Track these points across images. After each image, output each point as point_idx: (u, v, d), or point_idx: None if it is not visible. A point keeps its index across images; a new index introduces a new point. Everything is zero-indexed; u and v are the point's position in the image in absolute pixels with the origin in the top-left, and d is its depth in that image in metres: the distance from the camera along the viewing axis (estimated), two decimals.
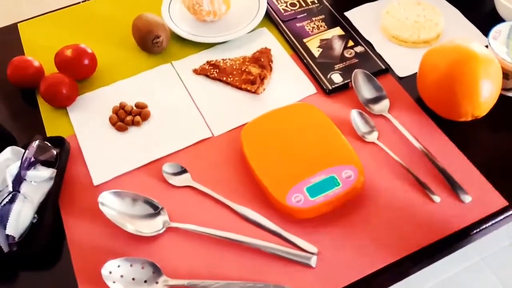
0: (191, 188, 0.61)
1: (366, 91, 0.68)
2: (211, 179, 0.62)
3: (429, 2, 0.78)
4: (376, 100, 0.67)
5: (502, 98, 0.63)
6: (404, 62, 0.73)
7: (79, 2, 0.85)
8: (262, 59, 0.72)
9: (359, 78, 0.68)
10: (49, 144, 0.64)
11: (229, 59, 0.74)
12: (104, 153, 0.65)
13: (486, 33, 0.74)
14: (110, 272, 0.52)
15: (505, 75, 0.64)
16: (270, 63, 0.73)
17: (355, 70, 0.69)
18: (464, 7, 0.79)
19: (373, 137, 0.64)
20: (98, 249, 0.57)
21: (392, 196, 0.59)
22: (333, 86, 0.69)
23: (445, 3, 0.80)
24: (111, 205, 0.57)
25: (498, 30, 0.67)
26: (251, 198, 0.60)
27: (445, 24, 0.75)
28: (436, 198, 0.58)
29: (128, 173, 0.63)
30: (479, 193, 0.59)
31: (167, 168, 0.62)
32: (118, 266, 0.53)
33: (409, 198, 0.59)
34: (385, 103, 0.67)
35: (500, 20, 0.75)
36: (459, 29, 0.76)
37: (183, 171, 0.62)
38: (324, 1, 0.82)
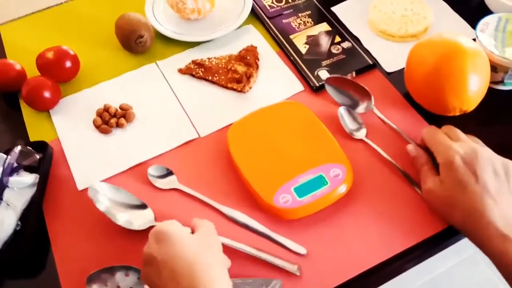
0: (177, 190, 0.60)
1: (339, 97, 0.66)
2: (197, 181, 0.60)
3: None
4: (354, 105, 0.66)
5: (490, 92, 0.63)
6: (392, 57, 0.72)
7: (61, 3, 0.84)
8: (248, 57, 0.71)
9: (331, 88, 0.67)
10: (32, 149, 0.62)
11: (214, 57, 0.72)
12: (88, 156, 0.64)
13: (474, 26, 0.73)
14: (94, 283, 0.51)
15: (494, 68, 0.64)
16: (257, 61, 0.72)
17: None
18: (452, 0, 0.78)
19: (361, 134, 0.63)
20: (84, 256, 0.56)
21: (382, 195, 0.58)
22: (320, 83, 0.68)
23: None
24: (103, 193, 0.57)
25: (486, 23, 0.66)
26: (239, 199, 0.59)
27: (433, 18, 0.74)
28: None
29: (113, 177, 0.62)
30: None
31: (152, 170, 0.61)
32: (102, 276, 0.52)
33: (399, 196, 0.58)
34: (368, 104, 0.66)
35: (488, 12, 0.74)
36: (447, 23, 0.75)
37: (169, 173, 0.61)
38: None
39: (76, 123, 0.67)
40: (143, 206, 0.57)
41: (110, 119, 0.66)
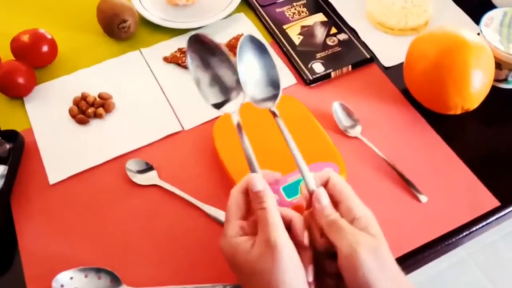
0: (157, 187, 0.56)
1: None
2: (179, 177, 0.56)
3: None
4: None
5: (494, 90, 0.59)
6: (390, 51, 0.68)
7: None
8: None
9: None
10: (1, 138, 0.58)
11: None
12: (62, 148, 0.59)
13: (477, 20, 0.70)
14: (62, 286, 0.47)
15: (498, 65, 0.60)
16: None
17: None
18: None
19: (356, 131, 0.60)
20: (53, 256, 0.51)
21: (376, 196, 0.55)
22: (314, 76, 0.65)
23: None
24: None
25: (491, 17, 0.63)
26: (223, 198, 0.54)
27: (434, 11, 0.71)
28: (423, 198, 0.54)
29: (88, 171, 0.58)
30: (469, 192, 0.55)
31: (131, 165, 0.57)
32: (71, 278, 0.47)
33: (394, 197, 0.54)
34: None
35: (491, 6, 0.71)
36: (449, 16, 0.72)
37: (149, 168, 0.57)
38: None
39: (51, 112, 0.63)
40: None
41: (87, 109, 0.62)
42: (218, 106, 0.48)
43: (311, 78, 0.65)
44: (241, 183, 0.43)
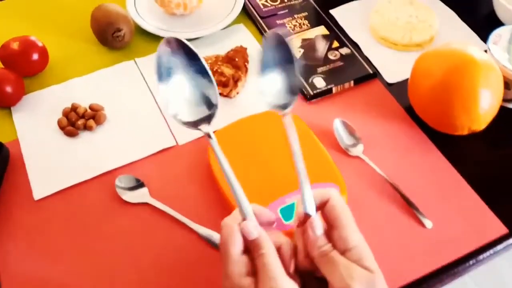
0: (148, 205, 0.53)
1: None
2: (172, 195, 0.54)
3: (422, 2, 0.71)
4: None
5: (502, 110, 0.57)
6: (394, 67, 0.66)
7: None
8: (237, 59, 0.65)
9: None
10: None
11: None
12: (49, 161, 0.56)
13: (483, 37, 0.68)
14: None
15: (506, 84, 0.58)
16: (246, 63, 0.65)
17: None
18: (459, 8, 0.72)
19: (357, 150, 0.57)
20: (36, 277, 0.48)
21: (378, 220, 0.52)
22: (314, 92, 0.62)
23: (440, 4, 0.73)
24: None
25: (499, 34, 0.61)
26: (217, 219, 0.51)
27: (439, 26, 0.69)
28: (428, 223, 0.51)
29: (75, 186, 0.55)
30: (475, 218, 0.52)
31: (121, 181, 0.54)
32: None
33: (397, 222, 0.52)
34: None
35: (499, 24, 0.69)
36: (455, 32, 0.69)
37: (140, 185, 0.54)
38: None
39: (39, 123, 0.60)
40: None
41: (77, 120, 0.59)
42: (193, 124, 0.43)
43: (311, 93, 0.62)
44: (234, 214, 0.40)
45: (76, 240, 0.51)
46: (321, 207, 0.40)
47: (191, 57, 0.42)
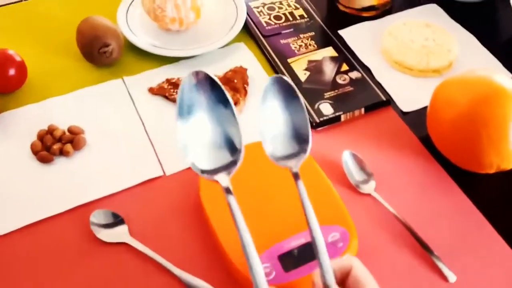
0: (126, 246, 0.46)
1: None
2: (154, 235, 0.47)
3: (439, 25, 0.66)
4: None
5: None
6: (409, 94, 0.60)
7: (20, 0, 0.71)
8: (236, 80, 0.59)
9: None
10: None
11: None
12: (16, 191, 0.50)
13: (506, 64, 0.62)
14: None
15: None
16: (245, 85, 0.59)
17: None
18: (480, 32, 0.67)
19: (369, 187, 0.50)
20: None
21: (393, 270, 0.45)
22: (321, 119, 0.56)
23: (457, 26, 0.68)
24: None
25: None
26: (205, 265, 0.45)
27: (459, 51, 0.63)
28: (451, 276, 0.44)
29: (44, 222, 0.48)
30: (504, 270, 0.45)
31: (96, 217, 0.47)
32: None
33: (415, 273, 0.45)
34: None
35: None
36: (475, 59, 0.64)
37: (119, 222, 0.47)
38: (315, 16, 0.69)
39: (10, 147, 0.54)
40: None
41: (53, 144, 0.53)
42: (211, 172, 0.38)
43: (317, 120, 0.56)
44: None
45: (41, 285, 0.44)
46: (343, 278, 0.34)
47: (217, 94, 0.38)
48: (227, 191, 0.36)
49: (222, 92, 0.38)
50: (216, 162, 0.38)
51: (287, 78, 0.40)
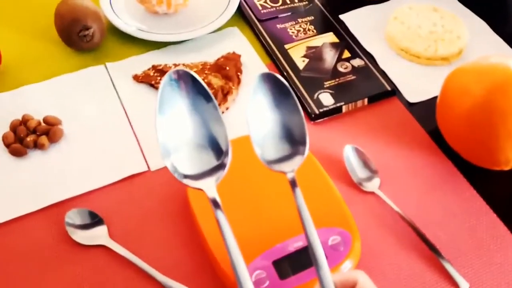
0: (105, 249, 0.43)
1: None
2: (136, 237, 0.44)
3: (448, 10, 0.61)
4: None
5: None
6: (416, 84, 0.56)
7: None
8: (228, 68, 0.55)
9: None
10: None
11: (183, 64, 0.57)
12: None
13: None
14: None
15: None
16: (239, 73, 0.56)
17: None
18: (491, 18, 0.63)
19: (373, 185, 0.46)
20: None
21: (399, 276, 0.41)
22: (321, 110, 0.52)
23: (467, 12, 0.64)
24: None
25: None
26: (192, 271, 0.42)
27: (469, 38, 0.59)
28: (463, 283, 0.40)
29: (14, 221, 0.45)
30: None
31: (71, 217, 0.44)
32: None
33: (423, 279, 0.41)
34: None
35: None
36: (486, 46, 0.60)
37: (97, 222, 0.44)
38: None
39: None
40: None
41: (26, 136, 0.49)
42: (195, 177, 0.35)
43: (317, 112, 0.52)
44: None
45: None
46: None
47: (199, 91, 0.36)
48: (215, 204, 0.32)
49: (204, 89, 0.35)
50: (201, 166, 0.34)
51: (278, 75, 0.37)
